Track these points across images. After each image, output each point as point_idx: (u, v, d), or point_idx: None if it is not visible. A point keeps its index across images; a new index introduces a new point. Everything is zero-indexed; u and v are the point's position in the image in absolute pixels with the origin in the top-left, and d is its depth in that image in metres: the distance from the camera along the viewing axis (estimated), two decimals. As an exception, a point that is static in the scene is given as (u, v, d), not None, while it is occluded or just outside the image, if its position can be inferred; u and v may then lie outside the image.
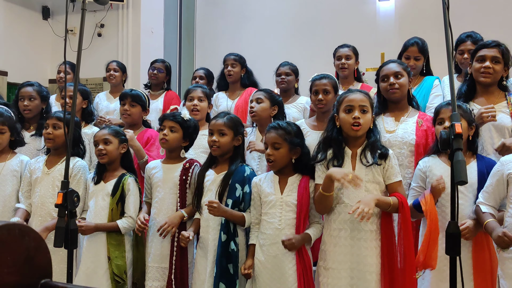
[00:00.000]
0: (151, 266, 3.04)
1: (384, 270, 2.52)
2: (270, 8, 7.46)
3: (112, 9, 6.86)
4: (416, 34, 3.91)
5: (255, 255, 2.77)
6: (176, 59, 7.64)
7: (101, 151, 3.10)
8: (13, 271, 1.07)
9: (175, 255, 2.98)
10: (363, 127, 2.60)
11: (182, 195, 3.05)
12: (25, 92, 3.85)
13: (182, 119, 3.13)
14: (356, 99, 2.62)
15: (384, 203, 2.51)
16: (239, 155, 2.98)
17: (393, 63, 3.11)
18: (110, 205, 3.08)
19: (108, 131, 3.15)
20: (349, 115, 2.60)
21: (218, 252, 2.78)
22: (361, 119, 2.58)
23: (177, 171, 3.07)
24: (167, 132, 3.09)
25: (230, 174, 2.88)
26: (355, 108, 2.60)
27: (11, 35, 6.70)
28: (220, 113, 3.07)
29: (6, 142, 3.36)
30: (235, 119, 3.02)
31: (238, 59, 4.45)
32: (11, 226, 1.08)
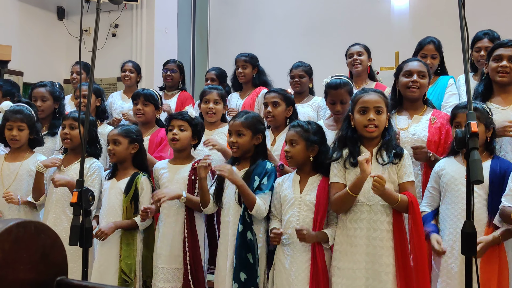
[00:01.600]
0: (161, 267, 3.05)
1: (399, 270, 2.50)
2: (284, 7, 7.45)
3: (126, 9, 6.89)
4: (430, 33, 3.89)
5: (276, 254, 2.78)
6: (189, 59, 7.66)
7: (110, 151, 3.15)
8: (29, 268, 1.08)
9: (188, 255, 2.99)
10: (378, 128, 2.59)
11: (191, 194, 3.05)
12: (37, 93, 3.89)
13: (189, 117, 3.13)
14: (371, 100, 2.60)
15: (391, 196, 2.48)
16: (261, 153, 2.96)
17: (419, 62, 3.10)
18: (123, 203, 3.10)
19: (118, 131, 3.17)
20: (363, 116, 2.59)
21: (236, 244, 2.79)
22: (376, 120, 2.57)
23: (186, 172, 3.07)
24: (177, 132, 3.09)
25: (251, 172, 2.87)
26: (370, 109, 2.58)
27: (26, 36, 6.76)
28: (239, 113, 3.06)
29: (25, 139, 3.38)
30: (254, 118, 2.99)
31: (249, 59, 4.43)
32: (27, 223, 1.09)
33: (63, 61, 7.16)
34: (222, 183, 2.98)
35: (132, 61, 5.07)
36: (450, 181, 2.68)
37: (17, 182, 3.32)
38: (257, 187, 2.82)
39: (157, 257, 3.09)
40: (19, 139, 3.33)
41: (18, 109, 3.38)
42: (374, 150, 2.62)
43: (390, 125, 2.68)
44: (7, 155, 3.43)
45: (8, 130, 3.32)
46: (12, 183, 3.32)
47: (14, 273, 1.04)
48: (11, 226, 1.04)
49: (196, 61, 7.82)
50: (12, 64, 6.14)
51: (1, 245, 1.01)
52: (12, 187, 3.31)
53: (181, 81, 4.88)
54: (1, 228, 1.02)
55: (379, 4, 6.94)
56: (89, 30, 6.94)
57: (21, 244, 1.06)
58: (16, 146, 3.36)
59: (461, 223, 1.90)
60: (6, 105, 3.45)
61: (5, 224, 1.05)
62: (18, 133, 3.32)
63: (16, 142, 3.33)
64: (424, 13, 6.65)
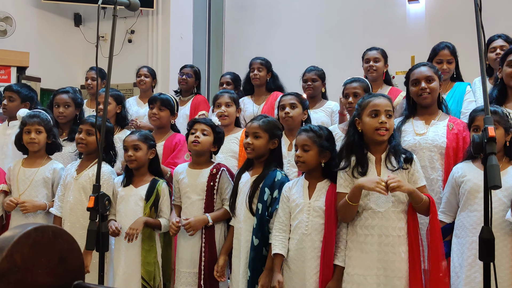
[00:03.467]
0: (183, 272, 3.05)
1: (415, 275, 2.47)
2: (299, 12, 7.46)
3: (142, 16, 6.96)
4: (446, 36, 3.87)
5: (285, 261, 2.75)
6: (205, 64, 7.70)
7: (131, 157, 3.12)
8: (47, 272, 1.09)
9: (203, 261, 2.99)
10: (389, 132, 2.58)
11: (209, 200, 3.05)
12: (60, 99, 3.92)
13: (213, 124, 3.15)
14: (382, 104, 2.59)
15: (418, 196, 2.47)
16: (275, 158, 2.96)
17: (424, 67, 3.06)
18: (144, 209, 3.10)
19: (138, 137, 3.16)
20: (374, 119, 2.58)
21: (251, 256, 2.78)
22: (387, 123, 2.57)
23: (204, 177, 3.08)
24: (199, 135, 3.10)
25: (262, 177, 2.87)
26: (381, 112, 2.57)
27: (44, 42, 6.85)
28: (258, 116, 3.07)
29: (43, 143, 3.41)
30: (272, 122, 3.00)
31: (265, 63, 4.45)
32: (45, 228, 1.10)
33: (80, 67, 7.24)
34: (236, 189, 2.98)
35: (147, 66, 5.11)
36: (473, 189, 2.64)
37: (31, 188, 3.35)
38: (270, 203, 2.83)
39: (179, 261, 3.09)
40: (37, 142, 3.36)
41: (35, 113, 3.42)
42: (382, 156, 2.61)
43: (394, 130, 2.68)
44: (25, 160, 3.46)
45: (26, 134, 3.36)
46: (27, 189, 3.35)
47: (32, 276, 1.06)
48: (29, 231, 1.05)
49: (211, 66, 7.86)
50: (30, 70, 6.22)
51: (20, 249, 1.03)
52: (27, 193, 3.34)
53: (196, 86, 4.89)
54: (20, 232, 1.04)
55: (394, 8, 6.93)
56: (106, 36, 7.01)
57: (39, 248, 1.07)
58: (35, 149, 3.39)
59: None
60: (22, 112, 3.49)
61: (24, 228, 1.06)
62: (36, 136, 3.35)
63: (35, 145, 3.36)
64: (440, 17, 6.62)
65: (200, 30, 7.64)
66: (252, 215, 2.85)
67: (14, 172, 3.40)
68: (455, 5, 6.41)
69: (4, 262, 1.00)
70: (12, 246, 1.02)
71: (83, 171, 3.28)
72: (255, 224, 2.81)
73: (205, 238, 3.02)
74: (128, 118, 4.17)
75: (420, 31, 6.67)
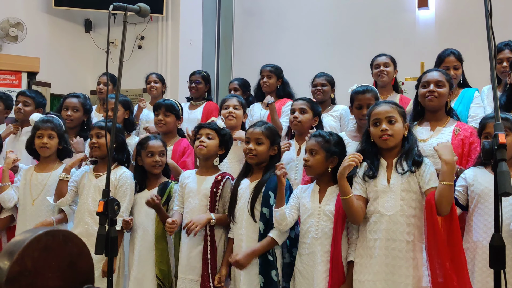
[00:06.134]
0: (183, 278, 3.04)
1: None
2: (308, 18, 7.47)
3: (152, 22, 6.99)
4: (456, 43, 3.87)
5: (295, 265, 2.77)
6: (214, 70, 7.73)
7: (157, 162, 3.22)
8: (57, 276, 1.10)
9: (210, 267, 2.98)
10: (393, 137, 2.58)
11: (212, 206, 3.05)
12: (69, 103, 3.96)
13: (218, 127, 3.17)
14: (381, 111, 2.62)
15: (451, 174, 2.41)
16: (274, 165, 2.98)
17: (437, 72, 3.07)
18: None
19: (162, 144, 3.29)
20: (377, 128, 2.61)
21: (260, 262, 2.79)
22: (389, 130, 2.57)
23: (209, 183, 3.09)
24: (204, 139, 3.12)
25: (263, 182, 2.88)
26: (382, 120, 2.60)
27: (54, 48, 6.90)
28: (258, 122, 3.09)
29: (54, 148, 3.44)
30: (273, 128, 3.03)
31: (274, 70, 4.47)
32: (55, 232, 1.11)
33: (90, 72, 7.28)
34: (235, 196, 2.98)
35: (155, 72, 5.14)
36: (483, 192, 2.62)
37: (45, 192, 3.37)
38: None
39: (179, 267, 3.10)
40: (49, 147, 3.39)
41: (48, 118, 3.46)
42: (394, 161, 2.61)
43: (411, 133, 2.67)
44: (37, 165, 3.49)
45: (38, 139, 3.39)
46: (40, 194, 3.37)
47: (43, 280, 1.06)
48: (40, 235, 1.06)
49: (220, 72, 7.88)
50: (41, 76, 6.26)
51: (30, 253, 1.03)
52: (40, 198, 3.37)
53: (206, 91, 4.91)
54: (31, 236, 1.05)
55: (404, 14, 6.91)
56: (116, 42, 7.05)
57: (49, 252, 1.08)
58: (46, 154, 3.41)
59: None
60: (36, 116, 3.53)
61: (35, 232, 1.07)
62: (48, 141, 3.38)
63: (46, 150, 3.39)
64: (450, 23, 6.60)
65: (209, 36, 7.67)
66: (254, 220, 2.85)
67: (27, 177, 3.43)
68: (465, 11, 6.40)
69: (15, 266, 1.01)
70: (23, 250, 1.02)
71: (102, 173, 3.31)
72: (262, 229, 2.81)
73: (210, 244, 3.01)
74: (138, 124, 4.20)
75: (430, 37, 6.65)
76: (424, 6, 6.79)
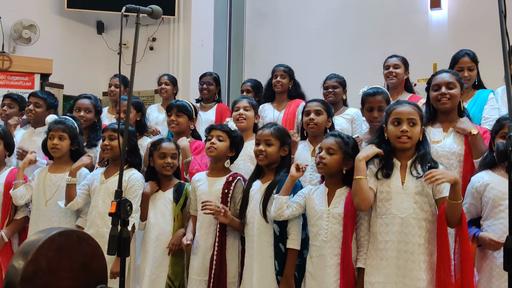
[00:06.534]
0: (195, 279, 3.06)
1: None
2: (319, 19, 7.46)
3: (164, 23, 7.02)
4: (470, 43, 3.83)
5: (306, 267, 2.76)
6: (225, 72, 7.74)
7: (169, 164, 3.24)
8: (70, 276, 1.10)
9: (214, 268, 2.99)
10: (411, 140, 2.57)
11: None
12: (82, 104, 3.98)
13: (229, 129, 3.17)
14: (404, 112, 2.58)
15: (459, 193, 2.41)
16: (286, 165, 2.97)
17: (447, 73, 3.04)
18: (175, 212, 3.21)
19: (175, 146, 3.31)
20: (397, 127, 2.58)
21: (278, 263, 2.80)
22: (409, 132, 2.55)
23: (220, 184, 3.10)
24: (214, 141, 3.13)
25: (275, 183, 2.88)
26: (403, 121, 2.57)
27: (67, 50, 6.95)
28: (268, 123, 3.10)
29: (65, 149, 3.44)
30: (282, 129, 3.03)
31: (288, 70, 4.47)
32: (69, 232, 1.11)
33: (102, 74, 7.32)
34: (247, 197, 2.98)
35: (167, 74, 5.15)
36: (497, 196, 2.60)
37: (58, 193, 3.39)
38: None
39: (190, 268, 3.11)
40: (59, 148, 3.40)
41: (60, 120, 3.48)
42: (408, 163, 2.59)
43: (425, 138, 2.65)
44: (51, 166, 3.51)
45: (50, 140, 3.41)
46: (53, 194, 3.39)
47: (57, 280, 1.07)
48: (54, 235, 1.07)
49: (231, 73, 7.89)
50: (53, 77, 6.31)
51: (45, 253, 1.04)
52: (54, 198, 3.39)
53: (217, 92, 4.93)
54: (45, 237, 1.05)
55: (416, 15, 6.88)
56: (128, 44, 7.09)
57: (63, 252, 1.08)
58: (57, 155, 3.43)
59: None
60: (51, 118, 3.55)
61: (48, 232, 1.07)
62: (59, 142, 3.39)
63: (57, 151, 3.41)
64: (463, 23, 6.55)
65: (220, 38, 7.69)
66: (266, 221, 2.85)
67: (40, 177, 3.45)
68: (478, 12, 6.35)
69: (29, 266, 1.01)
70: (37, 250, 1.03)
71: (111, 176, 3.32)
72: (277, 231, 2.81)
73: (218, 246, 3.02)
74: (148, 125, 4.21)
75: (443, 38, 6.61)
76: (436, 6, 6.75)
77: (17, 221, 3.49)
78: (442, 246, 2.45)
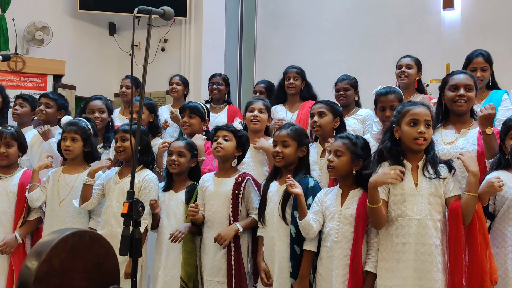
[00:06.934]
0: (209, 280, 3.06)
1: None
2: (331, 20, 7.44)
3: (175, 24, 7.04)
4: (483, 44, 3.80)
5: (317, 268, 2.76)
6: (236, 73, 7.74)
7: (174, 162, 3.20)
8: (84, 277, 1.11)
9: (234, 269, 2.99)
10: (427, 142, 2.56)
11: (235, 208, 3.05)
12: (94, 105, 4.00)
13: (234, 129, 3.17)
14: (421, 113, 2.56)
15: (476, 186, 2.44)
16: (304, 166, 2.96)
17: (465, 74, 3.00)
18: (185, 212, 3.19)
19: (184, 144, 3.26)
20: (413, 128, 2.55)
21: (292, 265, 2.79)
22: (426, 133, 2.53)
23: (230, 185, 3.09)
24: (221, 141, 3.12)
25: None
26: (421, 122, 2.54)
27: (79, 51, 6.99)
28: (285, 124, 3.09)
29: (78, 151, 3.45)
30: (300, 130, 3.01)
31: (300, 72, 4.45)
32: (82, 233, 1.11)
33: (114, 75, 7.36)
34: (265, 198, 2.98)
35: (179, 74, 5.16)
36: None
37: (72, 194, 3.40)
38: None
39: (203, 269, 3.11)
40: (72, 150, 3.40)
41: (74, 121, 3.48)
42: (419, 164, 2.58)
43: (432, 140, 2.64)
44: (65, 167, 3.52)
45: (63, 141, 3.42)
46: (67, 195, 3.41)
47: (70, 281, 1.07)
48: (67, 236, 1.07)
49: (242, 74, 7.90)
50: (66, 79, 6.35)
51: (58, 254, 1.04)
52: (68, 199, 3.40)
53: (226, 93, 4.94)
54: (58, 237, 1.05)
55: (429, 15, 6.84)
56: (140, 45, 7.12)
57: (76, 253, 1.09)
58: (69, 157, 3.44)
59: None
60: (65, 119, 3.56)
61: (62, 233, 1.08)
62: (71, 143, 3.40)
63: (69, 153, 3.41)
64: (476, 24, 6.50)
65: (232, 39, 7.69)
66: (286, 223, 2.84)
67: (54, 178, 3.47)
68: (491, 12, 6.30)
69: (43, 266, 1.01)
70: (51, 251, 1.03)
71: (126, 176, 3.33)
72: (294, 233, 2.80)
73: (233, 246, 3.01)
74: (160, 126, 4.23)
75: (456, 38, 6.56)
76: (449, 6, 6.71)
77: (30, 222, 3.51)
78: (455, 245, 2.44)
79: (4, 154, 3.46)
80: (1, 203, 3.44)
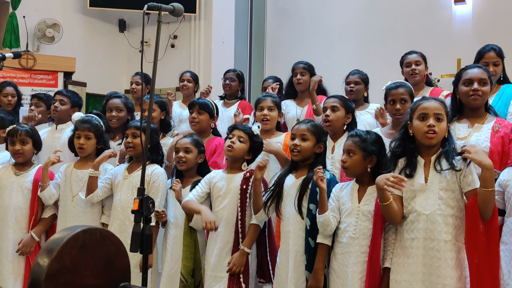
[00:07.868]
0: (211, 275, 3.04)
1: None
2: (341, 16, 7.41)
3: (185, 21, 7.05)
4: (494, 38, 3.78)
5: (330, 265, 2.74)
6: (246, 69, 7.73)
7: (181, 159, 3.21)
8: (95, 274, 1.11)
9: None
10: (438, 135, 2.51)
11: (243, 204, 3.04)
12: (112, 104, 4.02)
13: (251, 132, 3.15)
14: (431, 107, 2.54)
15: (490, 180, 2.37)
16: (320, 162, 2.94)
17: (479, 69, 2.98)
18: None
19: (190, 140, 3.25)
20: (423, 122, 2.52)
21: (307, 258, 2.77)
22: (436, 127, 2.50)
23: (238, 181, 3.08)
24: (235, 141, 3.11)
25: (310, 178, 2.84)
26: (430, 116, 2.52)
27: (90, 48, 7.03)
28: (305, 119, 3.10)
29: (92, 148, 3.48)
30: (319, 126, 3.00)
31: (307, 67, 4.44)
32: (93, 230, 1.11)
33: (124, 72, 7.38)
34: (280, 192, 2.97)
35: (190, 71, 5.18)
36: None
37: (84, 189, 3.43)
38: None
39: (207, 264, 3.10)
40: (85, 148, 3.44)
41: (87, 119, 3.51)
42: (432, 158, 2.54)
43: (450, 135, 2.60)
44: (76, 163, 3.55)
45: (76, 139, 3.45)
46: (80, 190, 3.43)
47: (80, 278, 1.07)
48: (78, 233, 1.07)
49: (252, 71, 7.89)
50: (76, 76, 6.38)
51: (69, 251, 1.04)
52: (80, 194, 3.43)
53: (240, 90, 4.94)
54: (69, 235, 1.06)
55: (440, 10, 6.79)
56: (149, 41, 7.13)
57: (87, 250, 1.09)
58: (83, 155, 3.47)
59: None
60: (77, 116, 3.60)
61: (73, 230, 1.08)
62: (85, 141, 3.43)
63: (83, 151, 3.45)
64: (487, 18, 6.45)
65: (241, 35, 7.69)
66: (302, 217, 2.82)
67: (67, 173, 3.49)
68: (503, 6, 6.24)
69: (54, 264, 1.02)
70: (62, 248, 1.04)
71: (134, 171, 3.35)
72: (309, 226, 2.78)
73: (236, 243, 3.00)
74: (173, 124, 4.23)
75: (467, 33, 6.51)
76: (461, 1, 6.66)
77: (45, 220, 3.53)
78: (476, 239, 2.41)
79: (19, 151, 3.48)
80: (16, 199, 3.46)
